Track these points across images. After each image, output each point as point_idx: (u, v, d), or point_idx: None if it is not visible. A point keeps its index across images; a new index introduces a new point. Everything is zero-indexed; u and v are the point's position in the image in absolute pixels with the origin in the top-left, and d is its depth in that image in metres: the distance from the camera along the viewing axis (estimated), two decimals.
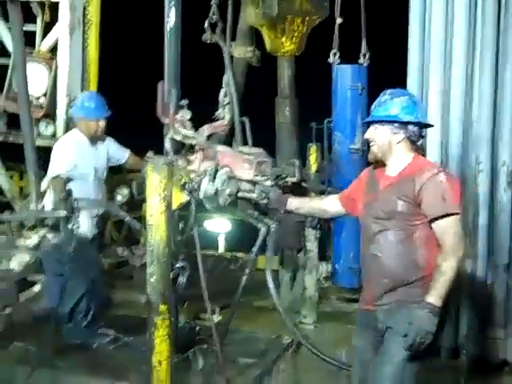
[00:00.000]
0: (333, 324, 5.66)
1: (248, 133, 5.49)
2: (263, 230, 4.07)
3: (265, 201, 3.97)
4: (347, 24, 5.86)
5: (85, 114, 4.98)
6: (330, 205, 3.84)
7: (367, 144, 5.86)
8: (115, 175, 5.58)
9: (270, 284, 4.03)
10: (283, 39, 5.94)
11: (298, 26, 5.90)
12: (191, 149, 4.09)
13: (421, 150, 3.50)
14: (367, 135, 3.49)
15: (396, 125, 3.38)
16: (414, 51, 5.03)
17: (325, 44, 5.93)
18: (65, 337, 4.91)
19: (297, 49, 6.02)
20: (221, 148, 4.10)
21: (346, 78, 5.88)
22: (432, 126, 3.65)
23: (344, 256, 6.05)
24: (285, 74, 6.05)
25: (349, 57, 5.98)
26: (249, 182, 4.00)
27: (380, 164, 3.50)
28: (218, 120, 4.43)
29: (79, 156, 4.94)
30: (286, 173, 5.46)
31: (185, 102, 4.18)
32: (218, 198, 3.84)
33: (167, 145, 4.02)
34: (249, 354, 4.85)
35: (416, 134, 3.39)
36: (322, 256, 6.12)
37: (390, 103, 3.41)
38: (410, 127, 3.38)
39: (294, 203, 3.95)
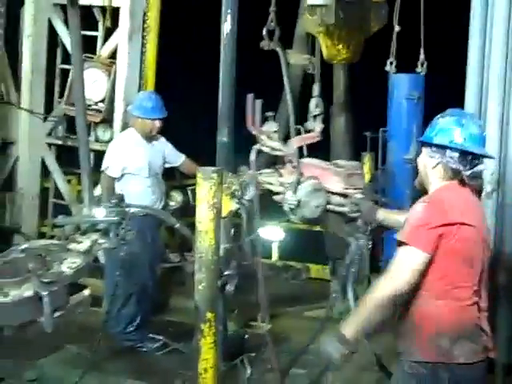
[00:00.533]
0: (384, 334, 5.57)
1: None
2: (354, 244, 3.97)
3: (356, 214, 3.83)
4: (405, 32, 5.77)
5: (142, 113, 5.07)
6: None
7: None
8: (168, 181, 5.62)
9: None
10: (340, 47, 5.87)
11: (355, 33, 5.83)
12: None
13: (471, 184, 3.02)
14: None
15: (433, 148, 3.04)
16: (473, 61, 4.92)
17: (382, 52, 5.86)
18: (115, 340, 4.98)
19: (353, 56, 5.94)
20: (310, 160, 4.00)
21: (402, 86, 5.80)
22: (483, 156, 3.06)
23: None
24: (340, 82, 6.00)
25: (406, 66, 5.89)
26: (339, 194, 3.88)
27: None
28: (308, 131, 4.28)
29: (133, 152, 5.05)
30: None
31: (271, 113, 4.11)
32: (303, 209, 3.74)
33: (252, 156, 3.91)
34: (298, 365, 4.80)
35: (456, 161, 2.96)
36: (374, 266, 6.03)
37: (435, 123, 3.09)
38: (448, 152, 2.98)
39: (382, 214, 3.79)
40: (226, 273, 3.59)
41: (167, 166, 5.37)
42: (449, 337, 2.92)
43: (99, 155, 5.64)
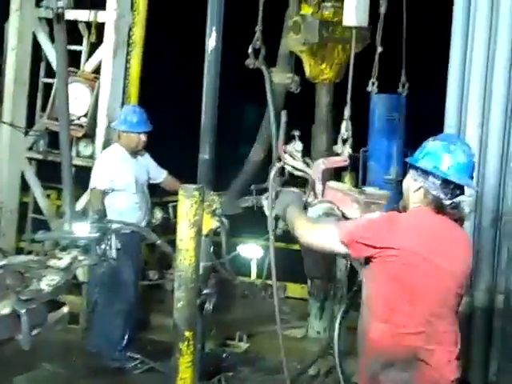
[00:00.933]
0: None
1: None
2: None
3: None
4: (387, 53, 5.82)
5: (127, 127, 5.07)
6: None
7: (402, 174, 5.86)
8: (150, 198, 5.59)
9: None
10: (323, 66, 5.92)
11: (338, 53, 5.88)
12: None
13: (450, 212, 2.89)
14: None
15: (418, 171, 2.93)
16: (453, 84, 4.99)
17: (364, 72, 5.91)
18: (99, 359, 4.93)
19: (336, 76, 5.99)
20: (335, 184, 3.87)
21: (383, 107, 5.86)
22: (463, 187, 2.93)
23: None
24: (322, 100, 6.03)
25: (388, 87, 5.94)
26: None
27: None
28: (337, 155, 4.20)
29: (120, 168, 5.04)
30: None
31: (297, 132, 3.92)
32: None
33: (271, 174, 3.73)
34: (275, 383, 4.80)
35: (438, 187, 2.85)
36: (352, 285, 6.04)
37: (424, 146, 2.97)
38: (431, 178, 2.87)
39: None
40: (205, 291, 3.56)
41: (150, 182, 5.36)
42: (380, 362, 2.84)
43: (80, 170, 5.62)
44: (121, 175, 5.03)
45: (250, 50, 5.55)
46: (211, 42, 5.03)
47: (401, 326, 2.84)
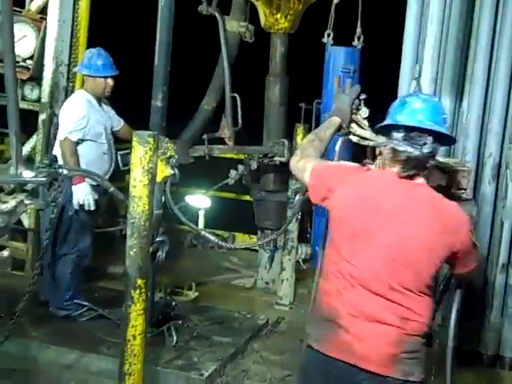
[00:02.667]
0: (308, 305, 5.65)
1: (239, 109, 5.44)
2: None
3: None
4: (343, 5, 5.78)
5: (93, 71, 4.87)
6: None
7: None
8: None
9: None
10: (278, 16, 5.83)
11: (294, 3, 5.79)
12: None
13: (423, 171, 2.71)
14: None
15: (381, 133, 2.91)
16: (409, 35, 4.97)
17: (320, 24, 5.86)
18: (50, 306, 4.86)
19: (291, 26, 5.91)
20: None
21: (338, 59, 5.83)
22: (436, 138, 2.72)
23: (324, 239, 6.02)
24: (277, 51, 5.95)
25: (343, 39, 5.91)
26: None
27: None
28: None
29: (90, 116, 4.84)
30: (274, 152, 5.44)
31: (363, 96, 3.41)
32: None
33: (337, 146, 3.50)
34: (223, 333, 4.83)
35: (401, 140, 2.71)
36: (302, 238, 6.10)
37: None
38: (394, 134, 2.75)
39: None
40: (157, 239, 3.52)
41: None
42: (311, 317, 2.89)
43: (26, 114, 5.42)
44: (92, 124, 4.84)
45: None
46: None
47: (327, 278, 2.79)
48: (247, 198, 6.62)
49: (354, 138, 3.44)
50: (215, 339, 4.71)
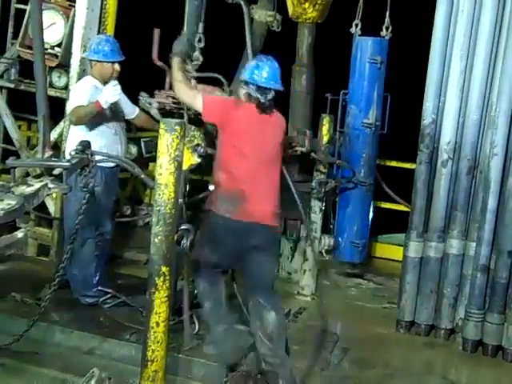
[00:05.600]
0: (330, 297, 5.65)
1: None
2: None
3: None
4: None
5: (100, 56, 4.90)
6: None
7: (381, 119, 5.83)
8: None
9: None
10: (306, 5, 5.81)
11: None
12: None
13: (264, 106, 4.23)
14: None
15: (243, 82, 4.27)
16: (438, 28, 4.93)
17: (348, 14, 5.81)
18: (74, 292, 4.90)
19: (319, 16, 5.89)
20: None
21: (366, 50, 5.77)
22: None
23: (347, 230, 6.01)
24: (304, 41, 5.94)
25: (371, 29, 5.85)
26: None
27: None
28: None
29: (94, 99, 4.86)
30: (296, 142, 5.42)
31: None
32: None
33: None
34: (244, 322, 4.82)
35: (255, 91, 4.18)
36: (326, 229, 6.08)
37: (246, 66, 4.39)
38: (250, 85, 4.20)
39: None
40: (182, 227, 3.52)
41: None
42: (217, 196, 4.20)
43: (54, 101, 5.45)
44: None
45: None
46: None
47: (230, 174, 4.18)
48: None
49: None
50: (236, 328, 4.71)
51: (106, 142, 4.83)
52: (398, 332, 5.20)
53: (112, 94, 4.69)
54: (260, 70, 4.22)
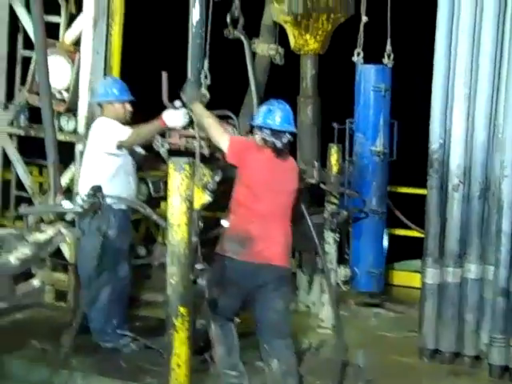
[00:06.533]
0: (350, 328, 5.59)
1: None
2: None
3: None
4: (372, 23, 5.77)
5: (111, 97, 4.93)
6: None
7: (389, 146, 5.83)
8: None
9: None
10: (307, 37, 5.84)
11: (322, 23, 5.80)
12: None
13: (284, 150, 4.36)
14: None
15: (257, 127, 4.37)
16: (440, 52, 4.94)
17: (349, 43, 5.84)
18: (94, 337, 4.87)
19: (321, 47, 5.91)
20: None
21: (369, 78, 5.79)
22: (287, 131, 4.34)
23: (363, 260, 5.98)
24: (308, 72, 5.95)
25: (373, 57, 5.88)
26: None
27: None
28: None
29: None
30: (306, 174, 5.41)
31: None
32: None
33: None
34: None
35: (270, 135, 4.28)
36: (341, 259, 6.04)
37: (257, 110, 4.62)
38: (264, 130, 4.30)
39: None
40: (198, 267, 3.52)
41: None
42: (226, 237, 4.26)
43: (63, 145, 5.49)
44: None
45: (228, 20, 5.46)
46: (195, 13, 4.96)
47: (243, 217, 4.24)
48: None
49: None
50: (258, 364, 4.66)
51: (119, 183, 4.84)
52: (421, 361, 5.11)
53: (180, 118, 4.74)
54: (272, 114, 4.30)
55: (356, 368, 4.88)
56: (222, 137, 4.40)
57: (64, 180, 5.55)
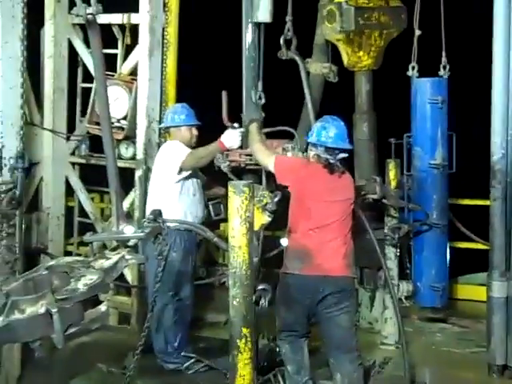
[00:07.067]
0: (415, 344, 5.50)
1: None
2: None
3: None
4: (426, 36, 5.72)
5: (178, 122, 5.07)
6: None
7: (448, 158, 5.75)
8: None
9: None
10: (360, 53, 5.83)
11: (375, 39, 5.79)
12: None
13: (337, 167, 4.36)
14: None
15: (311, 144, 4.43)
16: (498, 61, 4.86)
17: (403, 57, 5.81)
18: (158, 359, 4.93)
19: (374, 63, 5.89)
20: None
21: (425, 91, 5.74)
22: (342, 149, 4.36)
23: (425, 274, 5.89)
24: (362, 89, 5.94)
25: (428, 70, 5.83)
26: None
27: None
28: None
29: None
30: (366, 189, 5.39)
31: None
32: None
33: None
34: (330, 376, 4.74)
35: (324, 152, 4.31)
36: (403, 274, 5.97)
37: (312, 127, 4.56)
38: (319, 147, 4.34)
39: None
40: (260, 287, 3.53)
41: None
42: (287, 255, 4.31)
43: (123, 172, 5.62)
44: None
45: (281, 41, 5.53)
46: (248, 36, 5.03)
47: (298, 232, 4.31)
48: None
49: None
50: (322, 383, 4.64)
51: (184, 205, 4.93)
52: (490, 377, 4.99)
53: (237, 139, 4.87)
54: (327, 131, 4.32)
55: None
56: (269, 159, 4.45)
57: (125, 206, 5.68)
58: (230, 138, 4.84)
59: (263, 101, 5.04)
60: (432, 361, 5.33)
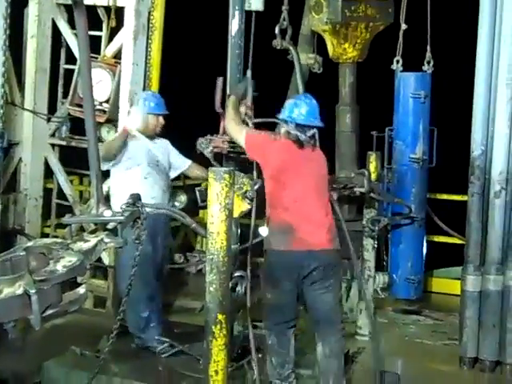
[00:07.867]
0: (388, 335, 5.56)
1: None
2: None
3: None
4: (412, 30, 5.74)
5: (146, 110, 5.07)
6: None
7: (429, 153, 5.79)
8: (172, 181, 5.58)
9: None
10: (346, 45, 5.85)
11: (361, 32, 5.81)
12: None
13: (305, 142, 4.38)
14: None
15: (282, 121, 4.43)
16: (481, 59, 4.90)
17: (388, 51, 5.83)
18: (135, 338, 4.96)
19: (359, 55, 5.91)
20: None
21: (408, 85, 5.76)
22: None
23: (401, 267, 5.94)
24: (346, 80, 5.95)
25: (412, 64, 5.86)
26: None
27: None
28: None
29: (133, 144, 5.09)
30: (354, 183, 5.41)
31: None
32: None
33: None
34: (304, 366, 4.79)
35: (294, 129, 4.34)
36: (379, 266, 6.01)
37: (284, 105, 4.50)
38: (289, 124, 4.35)
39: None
40: (236, 274, 3.55)
41: (176, 172, 5.36)
42: (269, 232, 4.27)
43: None
44: (129, 153, 5.07)
45: (276, 31, 5.52)
46: (234, 23, 5.01)
47: (277, 208, 4.31)
48: None
49: None
50: (296, 372, 4.67)
51: (135, 183, 4.96)
52: (461, 369, 5.06)
53: (138, 119, 5.01)
54: (298, 108, 4.34)
55: (394, 376, 4.85)
56: (240, 134, 4.43)
57: (104, 189, 5.64)
58: (131, 118, 5.00)
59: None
60: (404, 352, 5.38)
